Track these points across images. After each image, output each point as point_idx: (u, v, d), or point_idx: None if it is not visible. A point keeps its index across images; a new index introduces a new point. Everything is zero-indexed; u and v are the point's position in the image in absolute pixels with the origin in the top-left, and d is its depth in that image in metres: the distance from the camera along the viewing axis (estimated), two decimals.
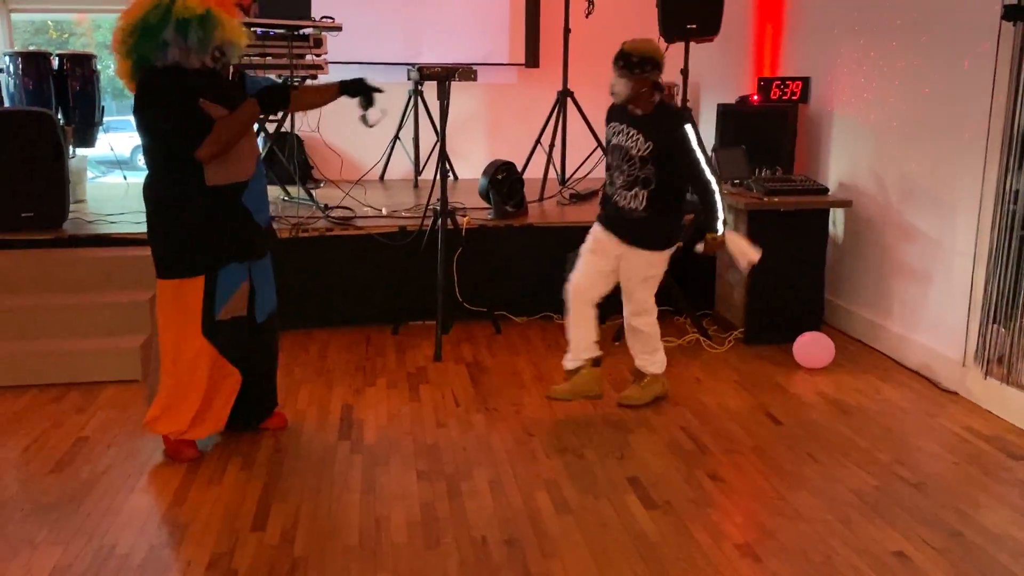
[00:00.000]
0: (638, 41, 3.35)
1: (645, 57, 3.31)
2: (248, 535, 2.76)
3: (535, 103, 6.44)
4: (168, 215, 3.13)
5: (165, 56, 3.00)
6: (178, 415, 3.23)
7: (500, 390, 4.00)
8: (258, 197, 3.26)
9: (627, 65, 3.30)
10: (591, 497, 3.00)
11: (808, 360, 4.28)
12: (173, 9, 2.95)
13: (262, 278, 3.35)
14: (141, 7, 2.98)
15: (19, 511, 2.91)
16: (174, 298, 3.17)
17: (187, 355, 3.20)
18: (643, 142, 3.39)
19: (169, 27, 2.95)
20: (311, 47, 5.19)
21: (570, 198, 5.81)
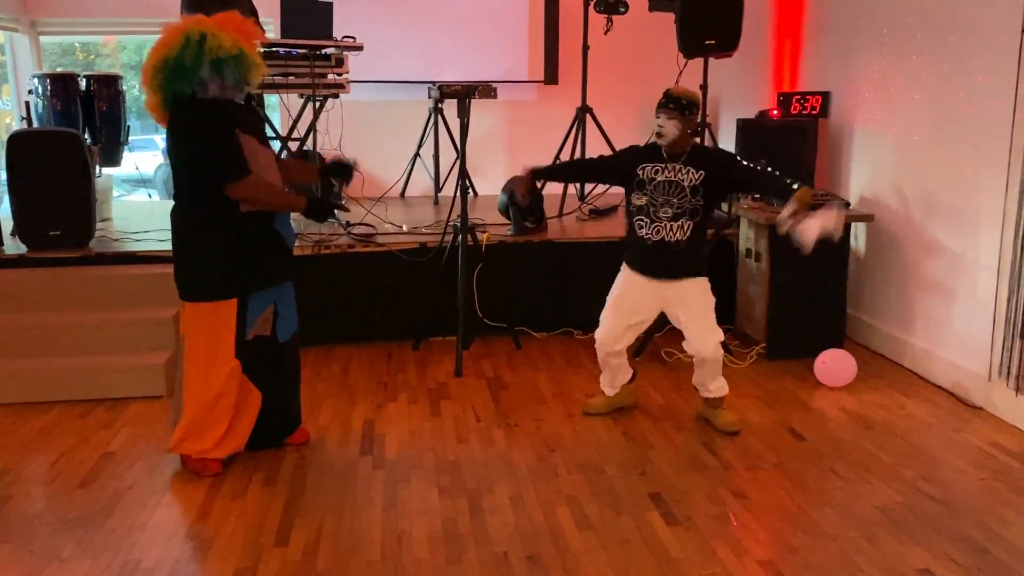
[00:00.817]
0: (682, 88, 3.59)
1: (692, 101, 3.52)
2: (271, 550, 2.78)
3: (554, 120, 6.47)
4: (203, 239, 3.17)
5: (205, 91, 3.07)
6: (203, 436, 3.26)
7: (521, 406, 4.01)
8: (286, 221, 3.32)
9: (678, 108, 3.49)
10: (613, 513, 2.99)
11: (830, 379, 4.24)
12: (206, 48, 2.99)
13: (286, 300, 3.40)
14: (170, 46, 3.02)
15: (47, 526, 2.95)
16: (207, 321, 3.20)
17: (218, 377, 3.22)
18: (694, 172, 3.54)
19: (205, 66, 3.01)
20: (333, 66, 5.25)
21: (589, 214, 5.83)
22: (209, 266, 3.18)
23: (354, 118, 5.80)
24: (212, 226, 3.15)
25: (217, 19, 3.08)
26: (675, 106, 3.50)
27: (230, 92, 3.12)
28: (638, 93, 7.02)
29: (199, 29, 3.02)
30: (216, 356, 3.22)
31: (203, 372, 3.23)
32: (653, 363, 4.58)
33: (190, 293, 3.22)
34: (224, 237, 3.15)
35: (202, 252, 3.18)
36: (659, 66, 6.22)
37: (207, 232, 3.16)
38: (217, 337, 3.22)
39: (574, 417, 3.86)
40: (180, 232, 3.22)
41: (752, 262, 4.78)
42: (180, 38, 3.01)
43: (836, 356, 4.27)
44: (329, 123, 5.50)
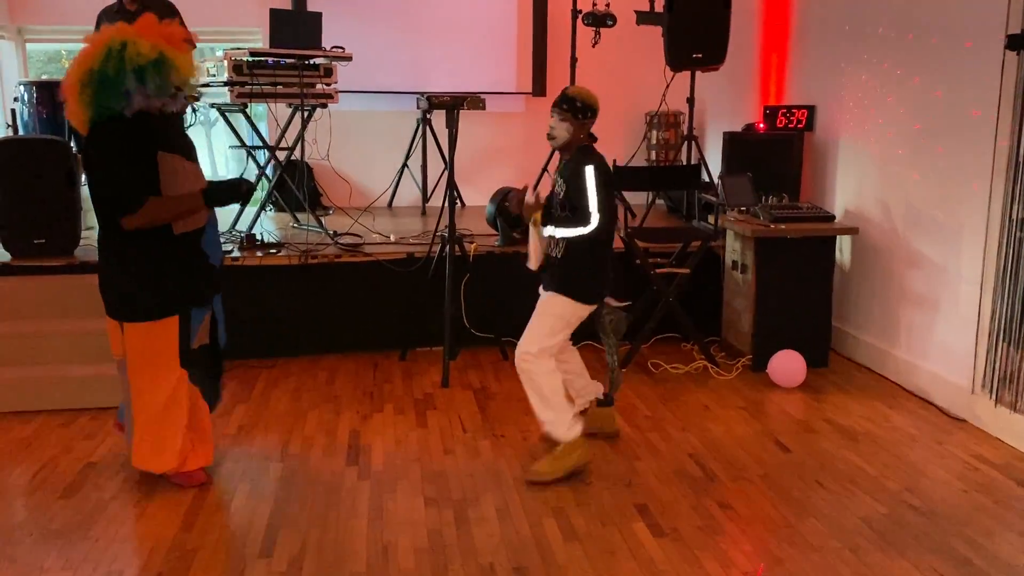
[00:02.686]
0: (581, 88, 3.30)
1: (589, 105, 3.26)
2: (256, 561, 2.76)
3: (542, 131, 6.43)
4: (139, 260, 3.10)
5: (131, 104, 2.98)
6: (165, 453, 3.21)
7: (507, 416, 4.00)
8: (212, 241, 3.33)
9: (572, 110, 3.24)
10: (599, 524, 2.99)
11: (782, 379, 4.30)
12: (126, 57, 2.92)
13: (220, 308, 3.44)
14: (92, 57, 2.95)
15: (28, 536, 2.92)
16: (152, 338, 3.14)
17: (165, 390, 3.16)
18: (561, 184, 3.35)
19: (128, 76, 2.93)
20: (321, 76, 5.25)
21: None
22: (148, 287, 3.11)
23: (342, 128, 5.80)
24: (148, 248, 3.09)
25: (137, 25, 3.02)
26: (568, 107, 3.23)
27: (157, 101, 3.02)
28: (625, 106, 7.07)
29: (120, 38, 2.95)
30: (160, 368, 3.16)
31: (151, 388, 3.17)
32: (639, 374, 4.59)
33: (129, 313, 3.14)
34: (161, 258, 3.11)
35: (139, 275, 3.11)
36: (646, 79, 6.28)
37: (143, 254, 3.10)
38: (161, 351, 3.16)
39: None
40: (112, 253, 3.14)
41: (738, 274, 4.80)
42: (103, 49, 2.94)
43: (784, 356, 4.36)
44: (317, 133, 5.50)
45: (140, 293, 3.13)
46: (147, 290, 3.13)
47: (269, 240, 5.01)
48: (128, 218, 2.99)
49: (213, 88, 5.10)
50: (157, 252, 3.11)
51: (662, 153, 6.98)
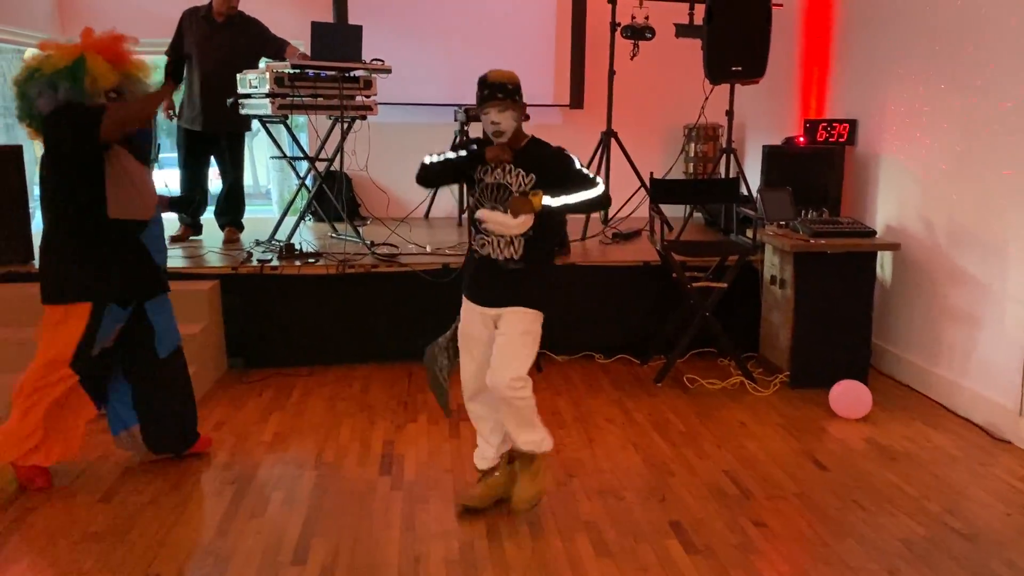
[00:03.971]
0: (499, 71, 2.99)
1: (517, 83, 2.96)
2: (288, 568, 2.78)
3: (579, 143, 6.44)
4: (67, 240, 3.20)
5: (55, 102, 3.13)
6: (17, 441, 3.26)
7: None
8: (156, 240, 3.38)
9: (508, 95, 2.91)
10: (631, 540, 2.97)
11: (845, 410, 4.19)
12: (37, 72, 3.14)
13: (162, 315, 3.41)
14: (15, 81, 3.21)
15: (68, 539, 2.97)
16: (58, 323, 3.21)
17: (50, 382, 3.22)
18: (524, 176, 2.97)
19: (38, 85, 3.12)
20: (361, 88, 5.31)
21: (613, 237, 5.83)
22: (69, 269, 3.20)
23: (381, 139, 5.85)
24: (77, 229, 3.19)
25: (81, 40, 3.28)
26: (504, 94, 2.90)
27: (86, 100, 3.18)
28: (663, 118, 7.05)
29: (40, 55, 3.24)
30: (49, 361, 3.21)
31: (43, 375, 3.22)
32: (675, 389, 4.56)
33: (46, 295, 3.23)
34: (87, 241, 3.19)
35: (60, 255, 3.21)
36: (685, 92, 6.25)
37: (73, 235, 3.19)
38: (59, 342, 3.20)
39: (594, 442, 3.84)
40: (45, 236, 3.27)
41: (776, 289, 4.75)
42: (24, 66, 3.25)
43: (850, 387, 4.21)
44: (356, 144, 5.56)
45: (58, 273, 3.21)
46: (63, 272, 3.20)
47: (307, 249, 5.07)
48: (102, 128, 3.06)
49: (255, 100, 5.18)
50: (86, 234, 3.18)
51: (700, 166, 6.94)
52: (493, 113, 2.92)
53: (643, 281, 5.10)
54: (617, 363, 5.01)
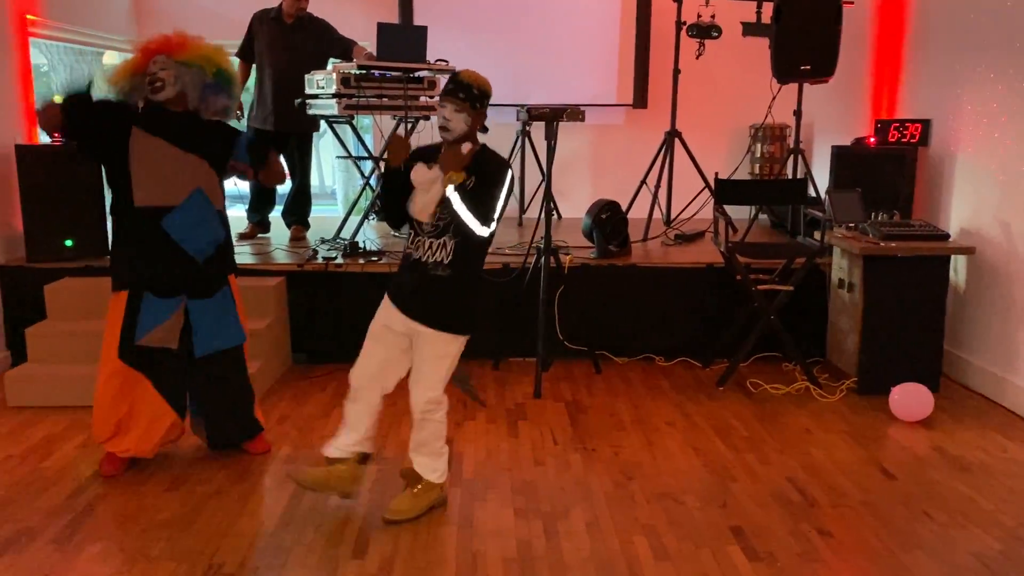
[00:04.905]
0: (473, 73, 2.95)
1: (485, 91, 2.94)
2: (348, 562, 2.81)
3: (642, 143, 6.44)
4: (114, 230, 3.41)
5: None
6: (99, 423, 3.41)
7: (599, 431, 3.97)
8: (191, 229, 3.34)
9: (469, 98, 2.89)
10: (691, 545, 2.92)
11: (906, 413, 4.07)
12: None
13: (205, 316, 3.43)
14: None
15: (137, 526, 3.06)
16: (111, 311, 3.38)
17: (103, 372, 3.38)
18: (467, 181, 2.91)
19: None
20: (425, 89, 5.35)
21: (675, 239, 5.76)
22: (112, 258, 3.43)
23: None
24: (115, 219, 3.40)
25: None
26: (465, 95, 2.87)
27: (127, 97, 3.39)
28: (729, 118, 6.95)
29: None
30: (106, 351, 3.37)
31: (104, 361, 3.38)
32: (737, 393, 4.48)
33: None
34: (121, 231, 3.37)
35: (112, 245, 3.46)
36: (751, 91, 6.15)
37: (113, 225, 3.42)
38: (109, 331, 3.36)
39: (653, 445, 3.80)
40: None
41: (845, 293, 4.63)
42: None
43: (910, 390, 4.10)
44: (419, 144, 5.59)
45: (110, 263, 3.44)
46: (112, 261, 3.42)
47: (371, 248, 5.14)
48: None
49: (322, 100, 5.26)
50: (120, 224, 3.36)
51: (766, 167, 6.82)
52: (448, 109, 2.90)
53: (706, 283, 5.03)
54: (678, 366, 4.95)
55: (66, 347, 4.37)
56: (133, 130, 3.29)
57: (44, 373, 4.28)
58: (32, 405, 4.19)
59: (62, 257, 4.82)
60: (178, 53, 3.30)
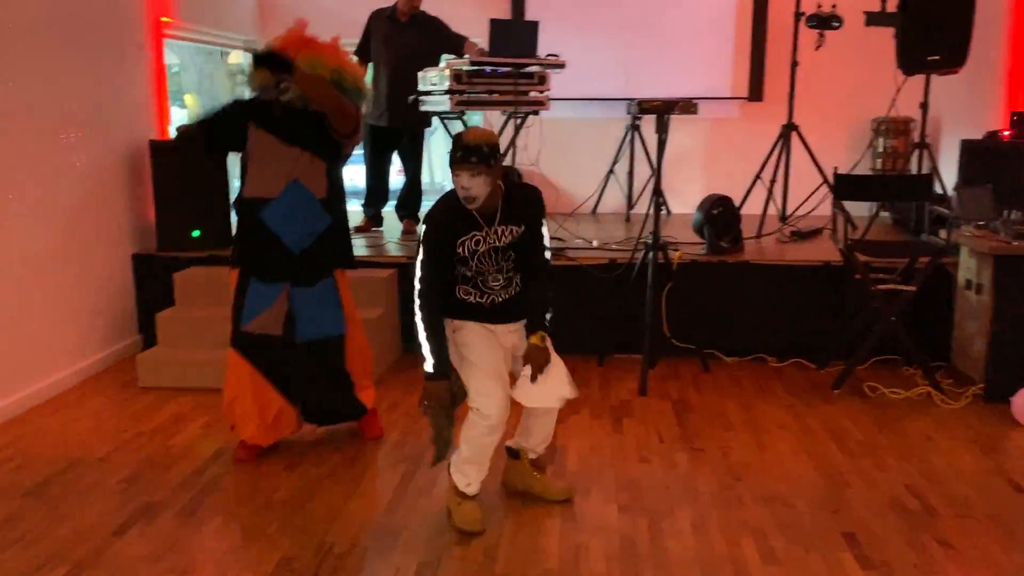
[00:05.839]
0: (476, 132, 2.87)
1: (493, 145, 2.82)
2: (453, 548, 2.86)
3: (756, 137, 6.27)
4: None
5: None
6: (224, 408, 3.59)
7: (706, 430, 3.89)
8: (286, 221, 3.42)
9: (481, 159, 2.77)
10: (801, 549, 2.84)
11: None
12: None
13: (307, 304, 3.50)
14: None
15: (255, 504, 3.20)
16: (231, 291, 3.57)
17: (231, 356, 3.56)
18: (515, 229, 2.95)
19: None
20: (535, 84, 5.37)
21: (791, 235, 5.59)
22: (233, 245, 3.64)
23: (551, 134, 5.91)
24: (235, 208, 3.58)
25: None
26: (477, 158, 2.77)
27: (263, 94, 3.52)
28: (849, 112, 6.69)
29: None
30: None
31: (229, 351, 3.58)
32: (853, 397, 4.31)
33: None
34: (238, 219, 3.55)
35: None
36: (873, 83, 5.90)
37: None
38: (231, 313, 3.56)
39: (763, 447, 3.70)
40: None
41: (972, 295, 4.39)
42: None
43: None
44: (528, 139, 5.64)
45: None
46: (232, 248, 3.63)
47: None
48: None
49: (435, 96, 5.36)
50: (238, 215, 3.54)
51: (889, 162, 6.52)
52: (464, 177, 2.80)
53: (823, 282, 4.85)
54: (791, 367, 4.81)
55: (193, 332, 4.61)
56: (250, 126, 3.45)
57: (172, 356, 4.53)
58: (161, 386, 4.45)
59: (189, 247, 5.08)
60: (301, 57, 3.38)
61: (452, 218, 2.89)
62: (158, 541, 2.92)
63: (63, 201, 4.48)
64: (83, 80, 4.63)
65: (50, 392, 4.33)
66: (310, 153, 3.45)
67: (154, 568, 2.75)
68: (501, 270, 2.98)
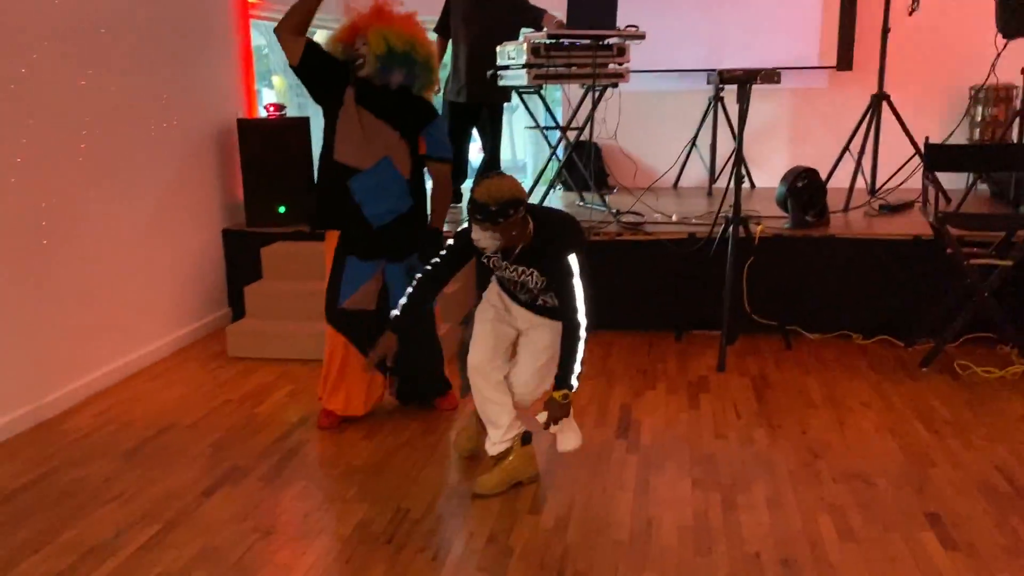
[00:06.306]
0: (488, 187, 2.79)
1: (503, 201, 2.75)
2: (525, 516, 2.90)
3: (845, 108, 6.06)
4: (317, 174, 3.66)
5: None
6: (321, 379, 3.69)
7: (786, 407, 3.82)
8: (372, 192, 3.48)
9: (489, 218, 2.76)
10: (880, 528, 2.77)
11: None
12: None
13: (399, 280, 3.54)
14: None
15: (335, 469, 3.31)
16: (326, 254, 3.64)
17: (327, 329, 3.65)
18: (538, 277, 2.97)
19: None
20: (614, 56, 5.30)
21: (880, 209, 5.40)
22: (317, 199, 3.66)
23: (630, 107, 5.83)
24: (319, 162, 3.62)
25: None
26: (484, 217, 2.76)
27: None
28: (944, 80, 6.39)
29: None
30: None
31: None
32: (943, 374, 4.16)
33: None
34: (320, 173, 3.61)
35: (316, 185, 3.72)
36: (972, 49, 5.61)
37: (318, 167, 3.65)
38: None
39: (845, 425, 3.61)
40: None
41: None
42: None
43: None
44: (607, 112, 5.58)
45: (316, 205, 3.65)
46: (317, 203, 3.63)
47: None
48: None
49: (513, 70, 5.35)
50: (321, 169, 3.58)
51: (988, 131, 6.21)
52: (475, 229, 2.84)
53: (912, 257, 4.67)
54: (877, 344, 4.66)
55: (279, 305, 4.77)
56: (348, 90, 3.49)
57: (260, 328, 4.70)
58: (249, 356, 4.62)
59: (276, 222, 5.24)
60: (373, 31, 3.43)
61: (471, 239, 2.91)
62: (243, 502, 3.05)
63: (158, 179, 4.68)
64: (174, 64, 4.80)
65: (146, 361, 4.55)
66: (399, 133, 3.52)
67: (239, 527, 2.87)
68: (526, 292, 3.06)
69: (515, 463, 3.11)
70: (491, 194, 2.76)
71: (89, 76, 4.10)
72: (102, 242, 4.23)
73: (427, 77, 3.59)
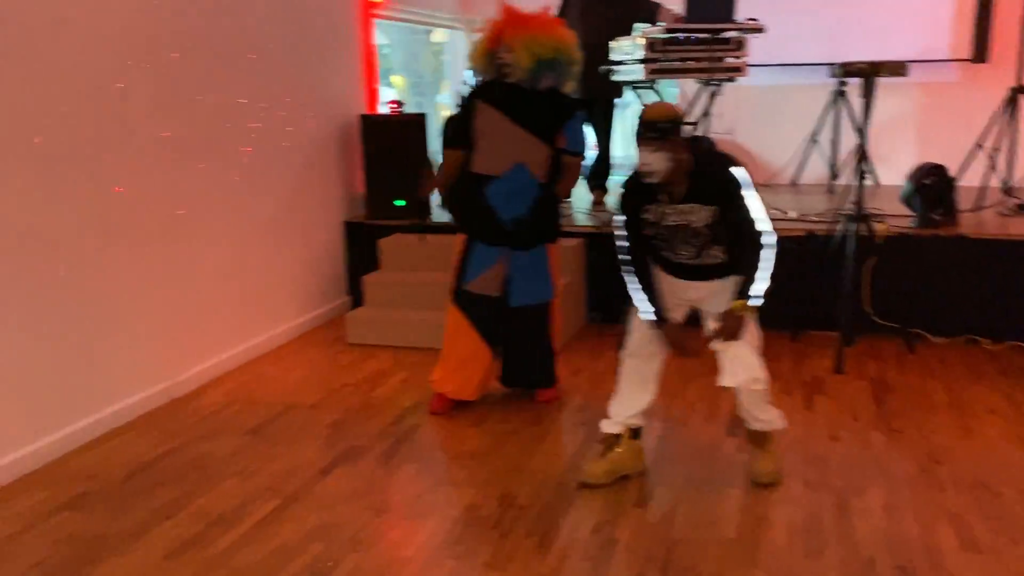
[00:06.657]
0: (657, 107, 2.88)
1: (672, 120, 2.81)
2: (631, 509, 2.91)
3: (978, 102, 5.75)
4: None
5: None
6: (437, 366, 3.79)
7: (906, 412, 3.68)
8: (505, 198, 3.56)
9: (658, 135, 2.77)
10: (1007, 540, 2.64)
11: None
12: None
13: (520, 270, 3.65)
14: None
15: (445, 454, 3.41)
16: (453, 253, 3.73)
17: (449, 314, 3.74)
18: (706, 212, 2.88)
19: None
20: (732, 50, 5.21)
21: (1015, 208, 5.11)
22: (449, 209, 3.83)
23: (748, 102, 5.72)
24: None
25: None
26: (654, 133, 2.77)
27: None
28: None
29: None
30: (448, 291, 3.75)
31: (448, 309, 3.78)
32: None
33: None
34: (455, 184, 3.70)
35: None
36: None
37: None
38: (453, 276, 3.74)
39: (970, 432, 3.45)
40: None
41: None
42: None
43: None
44: (724, 107, 5.49)
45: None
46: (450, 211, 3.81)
47: None
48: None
49: (627, 66, 5.33)
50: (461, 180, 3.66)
51: None
52: (644, 152, 2.81)
53: None
54: (1008, 350, 4.42)
55: (395, 294, 4.92)
56: (478, 104, 3.56)
57: (377, 316, 4.86)
58: (366, 343, 4.79)
59: (394, 215, 5.40)
60: (517, 41, 3.45)
61: (636, 190, 2.96)
62: (359, 481, 3.18)
63: (284, 172, 4.91)
64: (301, 62, 5.02)
65: (271, 344, 4.78)
66: (536, 136, 3.55)
67: (354, 505, 3.00)
68: (690, 244, 2.97)
69: (623, 454, 3.12)
70: (661, 112, 2.85)
71: (226, 79, 4.35)
72: (233, 232, 4.48)
73: (573, 72, 3.66)
